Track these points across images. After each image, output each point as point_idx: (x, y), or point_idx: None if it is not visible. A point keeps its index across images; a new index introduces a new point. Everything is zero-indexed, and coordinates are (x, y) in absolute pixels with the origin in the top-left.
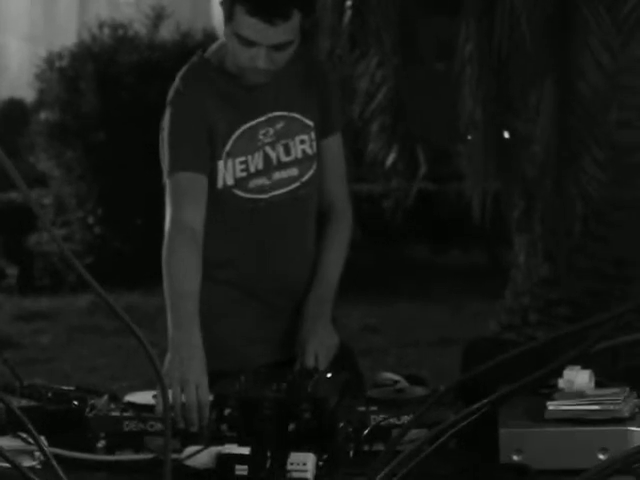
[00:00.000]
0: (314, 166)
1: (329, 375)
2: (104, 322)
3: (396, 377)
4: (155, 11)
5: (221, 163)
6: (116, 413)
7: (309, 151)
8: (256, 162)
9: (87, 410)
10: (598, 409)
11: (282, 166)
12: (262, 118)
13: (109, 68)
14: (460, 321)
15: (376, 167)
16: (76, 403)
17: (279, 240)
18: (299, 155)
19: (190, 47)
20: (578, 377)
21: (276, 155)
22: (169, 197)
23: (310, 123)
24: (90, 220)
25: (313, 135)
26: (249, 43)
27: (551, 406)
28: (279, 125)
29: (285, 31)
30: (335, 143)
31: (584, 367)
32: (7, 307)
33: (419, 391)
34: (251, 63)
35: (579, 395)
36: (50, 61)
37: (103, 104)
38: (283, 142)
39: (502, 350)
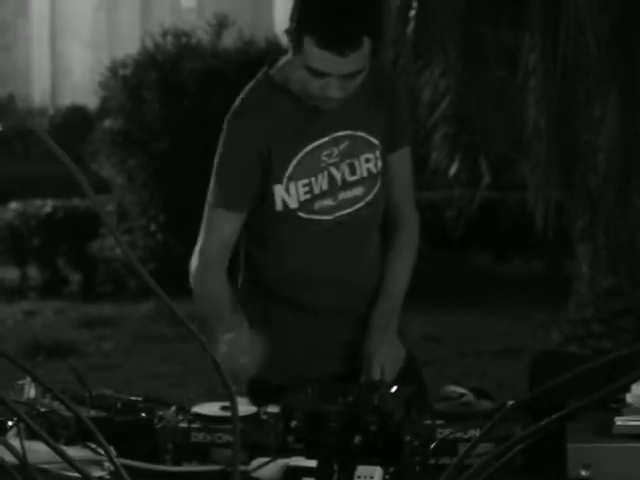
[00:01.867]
0: (378, 184)
1: (395, 388)
2: (166, 329)
3: (461, 390)
4: (218, 19)
5: (279, 187)
6: (184, 424)
7: (374, 170)
8: (320, 183)
9: (155, 421)
10: None
11: (347, 186)
12: (325, 139)
13: (172, 76)
14: (522, 331)
15: (439, 176)
16: (144, 414)
17: (342, 259)
18: (364, 174)
19: (252, 55)
20: None
21: (341, 175)
22: (203, 228)
23: (375, 142)
24: (152, 227)
25: (378, 154)
26: (320, 74)
27: (619, 421)
28: (343, 145)
29: (356, 60)
30: (403, 156)
31: None
32: (70, 314)
33: (485, 404)
34: (323, 93)
35: None
36: (114, 69)
37: (166, 112)
38: (348, 162)
39: (569, 364)
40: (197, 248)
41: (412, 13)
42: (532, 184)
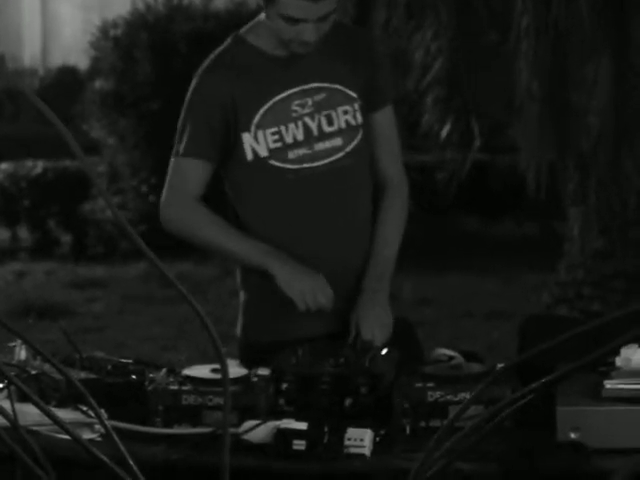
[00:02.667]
0: (359, 136)
1: (385, 351)
2: (157, 291)
3: (451, 353)
4: None
5: (247, 136)
6: (174, 387)
7: (352, 122)
8: (293, 133)
9: (146, 383)
10: None
11: (324, 136)
12: (295, 89)
13: (163, 37)
14: (513, 294)
15: (430, 138)
16: (135, 377)
17: (327, 211)
18: (342, 125)
19: (244, 16)
20: (636, 355)
21: (317, 125)
22: (170, 178)
23: (353, 94)
24: (144, 188)
25: (357, 106)
26: (295, 21)
27: (608, 385)
28: (319, 96)
29: (328, 3)
30: (386, 116)
31: None
32: (61, 275)
33: (475, 367)
34: (299, 37)
35: (636, 374)
36: (104, 30)
37: (157, 73)
38: (325, 113)
39: (558, 327)
40: (162, 200)
41: None
42: (524, 146)
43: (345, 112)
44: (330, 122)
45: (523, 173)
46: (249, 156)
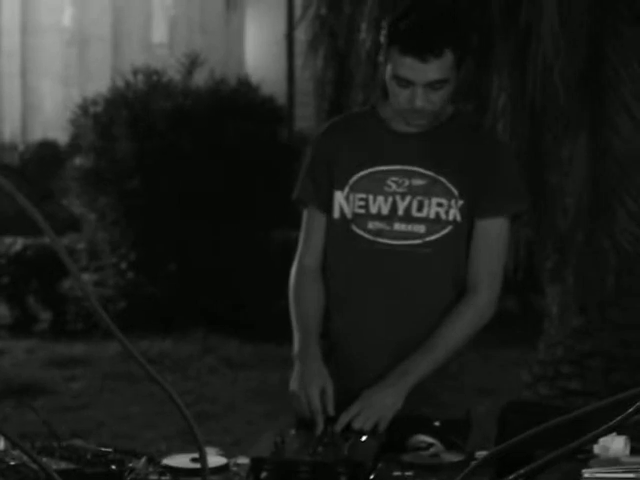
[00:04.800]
0: (446, 231)
1: (365, 437)
2: (136, 369)
3: (430, 440)
4: (189, 58)
5: (340, 194)
6: (154, 477)
7: (443, 216)
8: (379, 205)
9: (126, 474)
10: (633, 477)
11: (409, 220)
12: (396, 167)
13: (143, 114)
14: (491, 370)
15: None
16: (115, 466)
17: (391, 291)
18: (432, 215)
19: (223, 94)
20: (614, 443)
21: (406, 207)
22: (302, 232)
23: (454, 191)
24: (123, 265)
25: (454, 202)
26: (406, 83)
27: (586, 474)
28: (418, 182)
29: (438, 69)
30: (493, 228)
31: (619, 433)
32: (41, 353)
33: (454, 456)
34: (410, 104)
35: (614, 462)
36: (84, 107)
37: (137, 151)
38: (419, 198)
39: (538, 415)
40: (297, 253)
41: (381, 58)
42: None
43: (439, 204)
44: (420, 208)
45: None
46: (336, 214)
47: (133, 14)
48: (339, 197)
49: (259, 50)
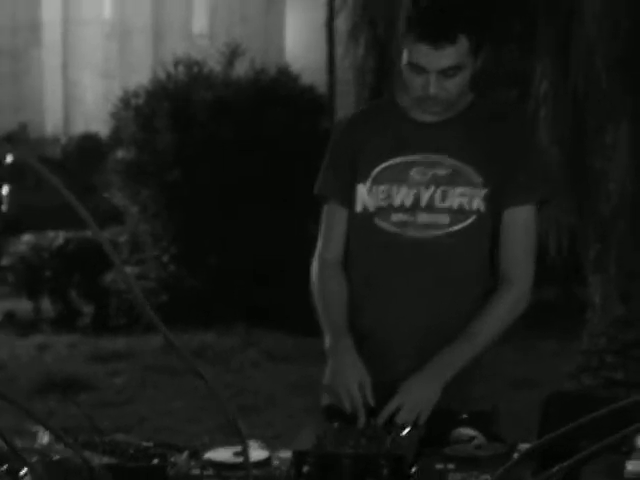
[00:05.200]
0: (470, 221)
1: (407, 431)
2: (178, 362)
3: (472, 432)
4: (229, 48)
5: (362, 187)
6: (196, 471)
7: (466, 206)
8: (402, 197)
9: (168, 468)
10: None
11: (432, 210)
12: (419, 157)
13: (184, 106)
14: (533, 361)
15: None
16: (157, 461)
17: (415, 281)
18: (455, 206)
19: (263, 84)
20: None
21: (429, 197)
22: (322, 226)
23: (479, 179)
24: (165, 258)
25: (478, 192)
26: (419, 70)
27: (630, 465)
28: (442, 171)
29: (452, 55)
30: (522, 216)
31: None
32: (83, 347)
33: (496, 447)
34: (424, 91)
35: None
36: (125, 99)
37: (178, 142)
38: (442, 188)
39: (581, 406)
40: (317, 248)
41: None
42: (544, 212)
43: (462, 194)
44: (444, 198)
45: (544, 237)
46: (358, 208)
47: (173, 5)
48: (362, 190)
49: (299, 39)
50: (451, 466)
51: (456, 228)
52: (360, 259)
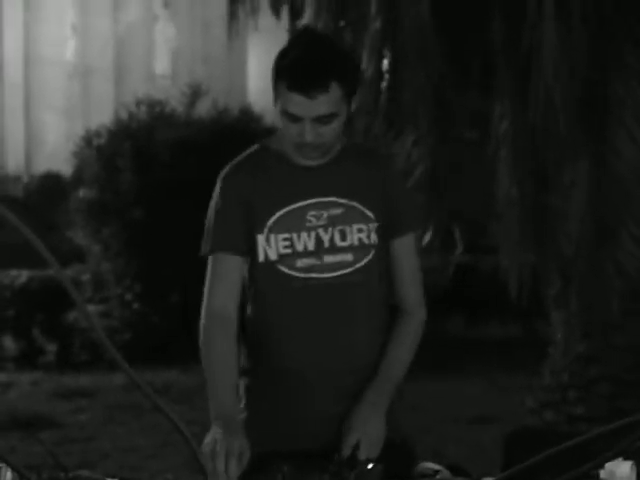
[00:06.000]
0: (371, 255)
1: (371, 466)
2: (142, 400)
3: (437, 467)
4: (192, 88)
5: (261, 237)
6: None
7: (366, 241)
8: (304, 242)
9: None
10: None
11: (335, 250)
12: (313, 200)
13: (146, 145)
14: (497, 397)
15: None
16: None
17: (331, 323)
18: (355, 242)
19: (226, 123)
20: (620, 468)
21: (330, 238)
22: (207, 279)
23: (370, 214)
24: (128, 297)
25: (372, 226)
26: (295, 118)
27: None
28: (336, 211)
29: (326, 104)
30: (405, 244)
31: (625, 458)
32: (46, 385)
33: None
34: (300, 138)
35: None
36: (88, 139)
37: (140, 181)
38: (339, 227)
39: (543, 441)
40: (204, 300)
41: (384, 84)
42: (505, 249)
43: (360, 230)
44: (343, 237)
45: (506, 276)
46: (260, 257)
47: (135, 46)
48: (260, 240)
49: (262, 79)
50: None
51: (361, 264)
52: (269, 307)
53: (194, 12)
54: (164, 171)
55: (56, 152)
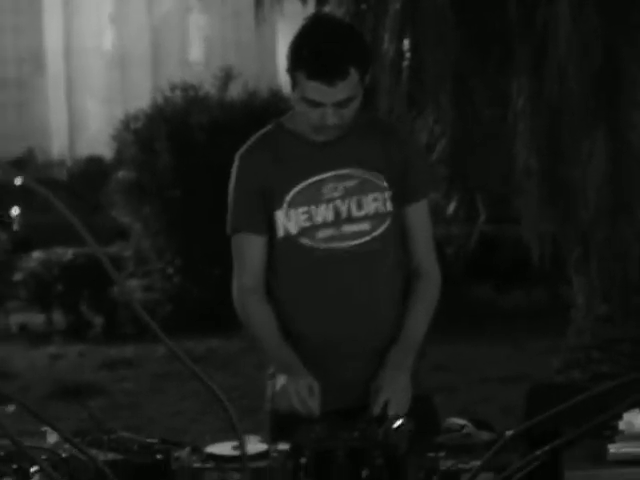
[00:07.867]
0: (387, 223)
1: (399, 422)
2: (183, 368)
3: (462, 422)
4: (224, 71)
5: (280, 213)
6: (198, 464)
7: (382, 209)
8: (323, 214)
9: (171, 462)
10: None
11: (353, 220)
12: (329, 174)
13: (181, 128)
14: (524, 359)
15: (438, 213)
16: (160, 456)
17: (352, 290)
18: (371, 211)
19: (257, 105)
20: (638, 419)
21: (347, 209)
22: (234, 258)
23: (384, 184)
24: (169, 270)
25: (387, 195)
26: (315, 104)
27: (612, 449)
28: (351, 183)
29: (345, 89)
30: (420, 209)
31: None
32: (93, 356)
33: (485, 435)
34: (321, 121)
35: (639, 437)
36: (126, 123)
37: (177, 163)
38: (356, 198)
39: (563, 394)
40: (233, 279)
41: (405, 63)
42: (525, 219)
43: (375, 199)
44: (360, 207)
45: (528, 245)
46: (280, 233)
47: (170, 35)
48: (280, 215)
49: None
50: (442, 454)
51: (378, 232)
52: (290, 279)
53: (225, 1)
54: (198, 152)
55: (97, 137)
